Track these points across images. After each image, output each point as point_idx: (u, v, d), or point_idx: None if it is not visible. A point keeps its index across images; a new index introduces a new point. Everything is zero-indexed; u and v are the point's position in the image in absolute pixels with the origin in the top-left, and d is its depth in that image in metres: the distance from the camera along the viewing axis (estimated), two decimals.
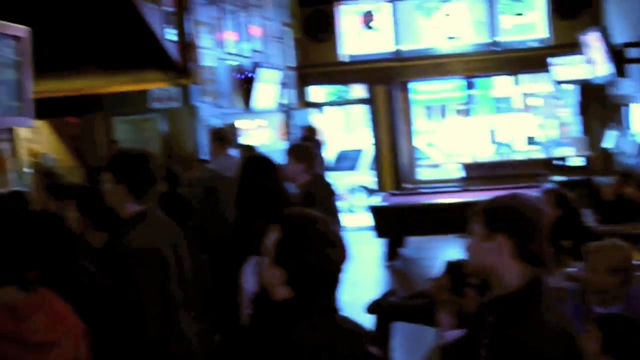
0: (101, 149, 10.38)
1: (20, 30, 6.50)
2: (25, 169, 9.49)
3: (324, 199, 5.02)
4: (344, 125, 19.39)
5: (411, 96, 15.14)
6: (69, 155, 10.97)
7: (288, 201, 4.41)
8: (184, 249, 3.55)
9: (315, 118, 14.53)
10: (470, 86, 16.10)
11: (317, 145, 10.81)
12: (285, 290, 2.27)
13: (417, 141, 15.54)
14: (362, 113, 16.25)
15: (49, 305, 2.26)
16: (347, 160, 15.16)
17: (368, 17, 14.60)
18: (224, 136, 7.65)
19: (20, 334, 2.12)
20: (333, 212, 5.11)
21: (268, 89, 12.13)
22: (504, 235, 2.42)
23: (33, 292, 2.25)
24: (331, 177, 8.82)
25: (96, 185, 3.78)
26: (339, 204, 5.53)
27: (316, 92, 15.25)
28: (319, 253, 2.24)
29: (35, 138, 10.51)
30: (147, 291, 3.25)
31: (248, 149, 8.03)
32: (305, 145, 5.70)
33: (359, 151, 15.43)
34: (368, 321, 5.18)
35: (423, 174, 15.45)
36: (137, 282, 3.24)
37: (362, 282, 7.66)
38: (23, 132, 9.53)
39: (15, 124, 6.62)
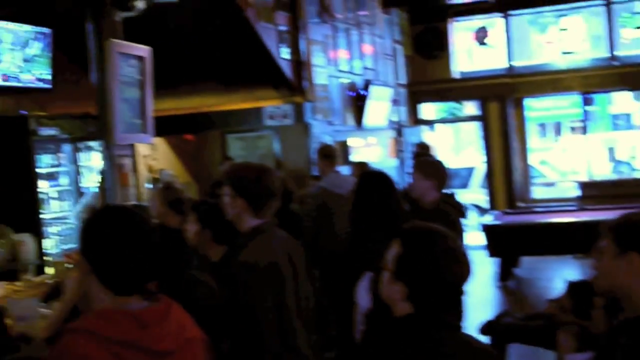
0: (216, 166, 10.62)
1: (143, 50, 6.73)
2: (145, 184, 9.82)
3: (453, 218, 4.82)
4: (454, 142, 19.17)
5: (525, 113, 14.82)
6: (185, 171, 11.26)
7: (405, 217, 4.36)
8: (300, 263, 3.57)
9: (426, 135, 14.43)
10: (587, 102, 15.62)
11: None
12: (407, 305, 2.24)
13: (531, 159, 15.18)
14: (474, 130, 16.04)
15: (171, 314, 2.30)
16: (458, 178, 14.97)
17: (481, 33, 14.43)
18: (332, 153, 7.66)
19: (145, 342, 2.16)
20: (459, 232, 4.90)
21: (379, 107, 12.13)
22: (637, 253, 2.32)
23: (156, 301, 2.30)
24: None
25: (216, 200, 3.85)
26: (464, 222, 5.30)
27: (427, 110, 15.15)
28: (441, 267, 2.20)
29: (154, 154, 10.87)
30: (263, 305, 3.27)
31: (361, 166, 8.03)
32: (435, 161, 5.39)
33: (470, 169, 15.21)
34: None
35: (537, 192, 15.07)
36: (253, 296, 3.26)
37: (474, 302, 7.51)
38: (142, 149, 9.87)
39: (136, 141, 6.84)
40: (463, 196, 14.58)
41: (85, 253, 2.26)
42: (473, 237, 11.75)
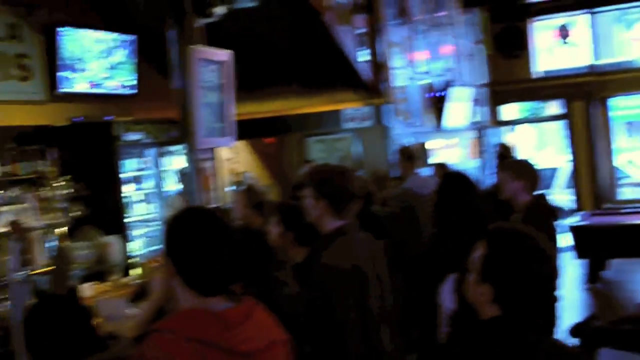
0: (296, 168, 10.67)
1: (224, 54, 6.81)
2: (227, 187, 9.94)
3: (547, 221, 4.64)
4: (536, 142, 18.79)
5: (610, 112, 14.42)
6: (265, 173, 11.35)
7: (490, 218, 4.28)
8: (383, 265, 3.54)
9: (508, 136, 14.19)
10: None
11: None
12: (493, 308, 2.20)
13: (618, 159, 14.77)
14: (557, 130, 15.69)
15: (255, 315, 2.31)
16: (542, 179, 14.66)
17: (563, 32, 14.12)
18: (413, 154, 7.61)
19: (228, 343, 2.17)
20: (553, 235, 4.73)
21: (460, 107, 11.99)
22: None
23: (240, 302, 2.31)
24: None
25: (298, 201, 3.86)
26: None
27: (509, 110, 14.90)
28: (528, 269, 2.15)
29: (235, 158, 11.00)
30: (345, 307, 3.25)
31: (442, 167, 7.95)
32: (524, 161, 5.17)
33: (554, 169, 14.89)
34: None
35: (625, 193, 14.65)
36: (334, 298, 3.25)
37: (563, 304, 7.35)
38: (224, 152, 9.99)
39: (218, 144, 6.93)
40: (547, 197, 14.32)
41: (169, 254, 2.29)
42: (560, 239, 11.50)
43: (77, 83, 8.82)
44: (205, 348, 2.12)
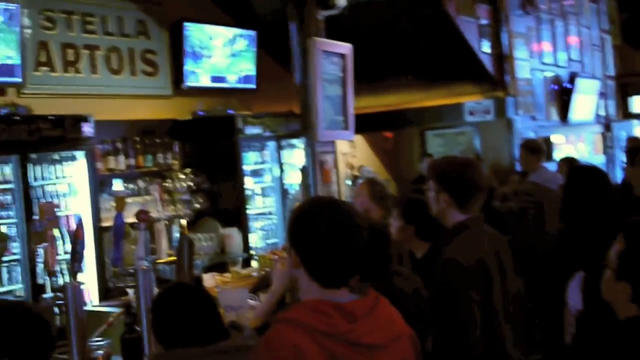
0: (415, 163, 10.57)
1: (344, 47, 6.80)
2: (345, 181, 9.95)
3: None
4: None
5: None
6: (383, 168, 11.30)
7: (621, 213, 4.09)
8: (508, 261, 3.43)
9: (638, 130, 13.61)
10: None
11: None
12: (632, 307, 2.08)
13: None
14: None
15: (379, 308, 2.27)
16: None
17: None
18: (538, 147, 7.38)
19: (353, 335, 2.14)
20: None
21: (586, 100, 11.58)
22: None
23: (364, 295, 2.28)
24: None
25: (419, 195, 3.80)
26: None
27: (638, 102, 14.28)
28: None
29: (353, 152, 10.99)
30: (468, 304, 3.16)
31: (569, 162, 7.68)
32: None
33: None
34: None
35: None
36: (457, 295, 3.16)
37: None
38: (342, 146, 10.00)
39: (339, 138, 6.93)
40: None
41: (294, 245, 2.27)
42: None
43: (200, 77, 9.02)
44: (329, 340, 2.10)
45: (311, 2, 6.58)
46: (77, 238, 3.55)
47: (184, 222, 7.40)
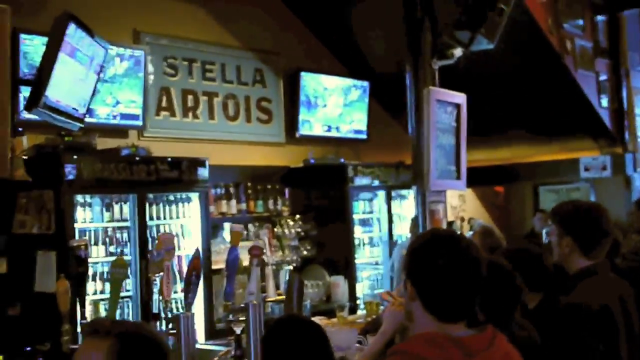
0: (526, 218, 10.34)
1: (459, 97, 6.75)
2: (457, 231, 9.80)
3: None
4: None
5: None
6: (493, 223, 11.09)
7: None
8: (634, 311, 3.28)
9: None
10: None
11: None
12: None
13: None
14: None
15: (498, 344, 2.21)
16: None
17: None
18: None
19: None
20: None
21: None
22: None
23: (482, 330, 2.22)
24: None
25: (529, 245, 3.72)
26: None
27: None
28: None
29: (463, 206, 10.86)
30: (593, 353, 3.04)
31: None
32: None
33: None
34: None
35: None
36: (581, 342, 3.04)
37: None
38: (452, 200, 9.89)
39: (450, 187, 6.84)
40: None
41: (411, 277, 2.25)
42: None
43: (313, 126, 9.16)
44: None
45: (427, 51, 6.58)
46: (193, 269, 3.61)
47: (291, 267, 7.42)
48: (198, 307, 6.91)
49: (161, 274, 3.70)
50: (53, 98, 5.46)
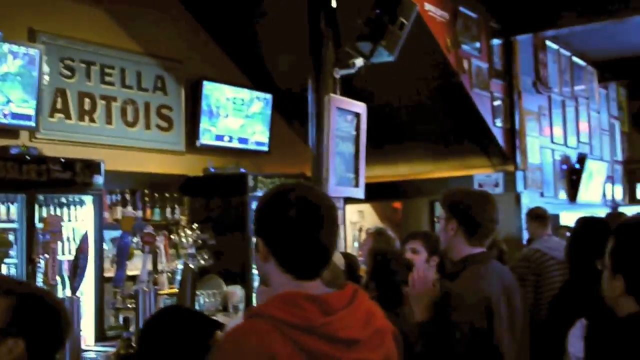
0: None
1: (359, 106, 6.89)
2: (354, 243, 9.91)
3: None
4: None
5: None
6: None
7: None
8: (517, 300, 3.37)
9: None
10: None
11: None
12: (630, 303, 2.11)
13: None
14: None
15: (358, 301, 2.11)
16: None
17: None
18: (543, 214, 7.37)
19: (328, 329, 1.99)
20: None
21: (594, 182, 11.62)
22: None
23: (341, 287, 2.13)
24: None
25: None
26: None
27: None
28: None
29: (361, 222, 10.98)
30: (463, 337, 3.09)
31: (567, 228, 7.67)
32: None
33: None
34: None
35: None
36: (455, 327, 3.09)
37: None
38: (350, 215, 9.98)
39: (349, 194, 6.90)
40: None
41: (262, 235, 2.12)
42: None
43: (214, 136, 9.11)
44: (301, 334, 1.95)
45: (328, 60, 6.68)
46: (79, 252, 3.53)
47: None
48: (89, 314, 6.73)
49: (46, 256, 3.59)
50: None
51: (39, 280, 3.80)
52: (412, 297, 3.21)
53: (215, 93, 9.08)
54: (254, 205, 8.62)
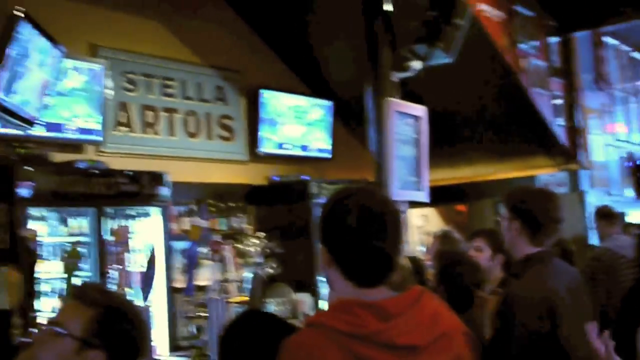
0: None
1: (419, 109, 6.85)
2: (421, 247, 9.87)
3: None
4: None
5: None
6: None
7: None
8: (584, 299, 3.33)
9: None
10: None
11: None
12: None
13: None
14: None
15: (422, 304, 2.07)
16: None
17: None
18: (611, 213, 7.24)
19: (384, 336, 1.95)
20: None
21: None
22: None
23: (405, 291, 2.08)
24: None
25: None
26: None
27: None
28: None
29: (426, 226, 10.92)
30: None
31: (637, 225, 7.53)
32: None
33: None
34: None
35: None
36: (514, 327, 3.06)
37: None
38: (414, 219, 9.94)
39: (412, 198, 6.85)
40: None
41: (325, 242, 2.12)
42: None
43: (275, 144, 9.19)
44: (356, 342, 1.92)
45: (386, 64, 6.68)
46: (150, 263, 3.59)
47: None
48: (161, 325, 6.79)
49: (117, 267, 3.66)
50: (3, 97, 5.32)
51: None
52: None
53: (274, 101, 9.17)
54: (317, 212, 8.70)
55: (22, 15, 5.37)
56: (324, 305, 8.69)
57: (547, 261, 3.28)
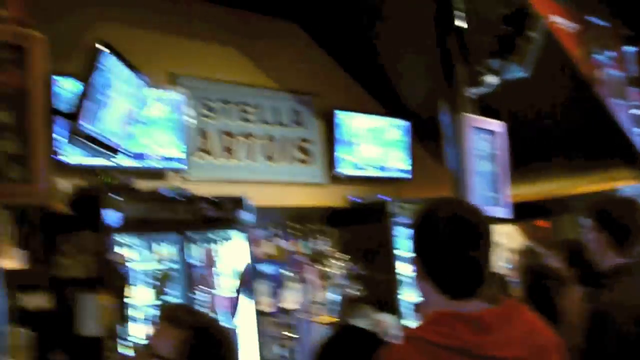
0: None
1: (496, 125, 6.84)
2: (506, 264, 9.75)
3: None
4: None
5: None
6: None
7: None
8: None
9: None
10: None
11: None
12: None
13: None
14: None
15: (518, 317, 2.08)
16: None
17: None
18: None
19: (481, 349, 1.95)
20: None
21: None
22: None
23: (498, 303, 2.10)
24: None
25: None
26: None
27: None
28: None
29: (508, 243, 10.76)
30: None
31: None
32: None
33: None
34: None
35: None
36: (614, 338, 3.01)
37: None
38: (497, 237, 9.81)
39: (493, 213, 6.81)
40: None
41: (417, 255, 2.15)
42: None
43: (353, 166, 9.25)
44: (453, 355, 1.93)
45: (461, 80, 6.68)
46: (242, 281, 3.66)
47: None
48: (249, 346, 6.88)
49: (204, 289, 3.73)
50: (88, 126, 5.47)
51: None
52: None
53: (349, 122, 9.24)
54: (397, 232, 8.71)
55: (105, 46, 5.53)
56: (405, 323, 8.67)
57: (636, 272, 3.22)
